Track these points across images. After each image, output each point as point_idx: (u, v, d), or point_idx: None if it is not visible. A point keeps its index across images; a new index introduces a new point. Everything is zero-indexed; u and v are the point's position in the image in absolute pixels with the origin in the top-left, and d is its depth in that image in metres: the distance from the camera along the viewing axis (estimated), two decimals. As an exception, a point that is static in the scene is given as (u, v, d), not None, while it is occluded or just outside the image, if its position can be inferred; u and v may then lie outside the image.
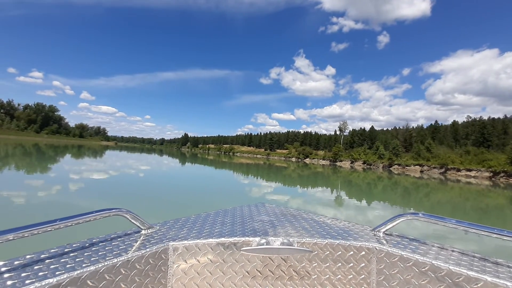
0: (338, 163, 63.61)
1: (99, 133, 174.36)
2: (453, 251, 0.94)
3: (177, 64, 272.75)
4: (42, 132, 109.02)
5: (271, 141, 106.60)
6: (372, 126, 73.73)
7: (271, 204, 1.60)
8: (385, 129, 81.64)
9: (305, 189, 14.16)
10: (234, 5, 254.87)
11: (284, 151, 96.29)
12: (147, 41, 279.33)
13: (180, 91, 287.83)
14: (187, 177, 15.91)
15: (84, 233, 1.07)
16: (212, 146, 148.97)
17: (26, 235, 0.69)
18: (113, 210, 0.89)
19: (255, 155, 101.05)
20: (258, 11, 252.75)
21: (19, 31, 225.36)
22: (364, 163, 59.59)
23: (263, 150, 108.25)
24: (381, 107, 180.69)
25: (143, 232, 0.99)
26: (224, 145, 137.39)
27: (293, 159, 76.96)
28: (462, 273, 0.78)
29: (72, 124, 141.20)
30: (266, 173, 25.44)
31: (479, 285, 0.75)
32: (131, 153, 45.46)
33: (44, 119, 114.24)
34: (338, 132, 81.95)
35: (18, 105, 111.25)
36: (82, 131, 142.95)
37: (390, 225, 1.10)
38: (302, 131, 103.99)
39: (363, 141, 68.20)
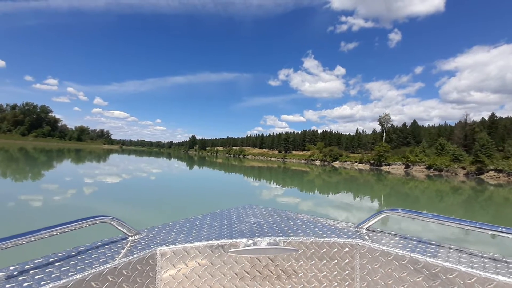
0: (384, 168, 50.04)
1: (102, 136, 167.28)
2: (430, 243, 0.98)
3: (187, 68, 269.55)
4: (30, 134, 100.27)
5: (286, 142, 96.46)
6: (414, 120, 62.52)
7: (258, 206, 1.57)
8: (426, 125, 70.03)
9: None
10: (242, 8, 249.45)
11: (302, 152, 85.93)
12: (157, 46, 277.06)
13: (190, 95, 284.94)
14: (192, 184, 14.81)
15: (69, 242, 1.08)
16: (220, 148, 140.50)
17: (9, 246, 0.67)
18: (98, 218, 0.88)
19: (268, 158, 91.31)
20: (266, 13, 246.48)
21: (35, 40, 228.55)
22: (428, 167, 44.12)
23: (277, 152, 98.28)
24: (393, 106, 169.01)
25: (130, 238, 0.98)
26: (234, 147, 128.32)
27: (317, 162, 65.24)
28: (438, 264, 0.82)
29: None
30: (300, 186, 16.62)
31: (454, 275, 0.79)
32: (135, 157, 42.56)
33: (36, 121, 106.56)
34: (378, 127, 66.72)
35: (7, 105, 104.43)
36: (81, 134, 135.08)
37: (373, 221, 1.12)
38: (320, 130, 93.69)
39: (404, 139, 56.48)
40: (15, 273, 0.68)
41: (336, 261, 1.01)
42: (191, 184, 14.55)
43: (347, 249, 1.01)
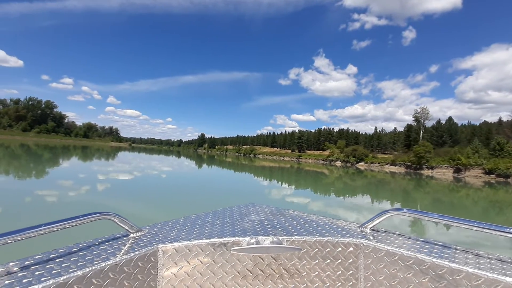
0: (425, 171, 42.74)
1: (111, 133, 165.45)
2: (436, 244, 0.97)
3: (197, 67, 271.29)
4: (32, 130, 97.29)
5: (300, 141, 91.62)
6: (450, 117, 55.90)
7: (261, 204, 1.57)
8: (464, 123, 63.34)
9: None
10: (252, 7, 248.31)
11: (317, 152, 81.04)
12: (168, 46, 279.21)
13: (200, 94, 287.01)
14: (197, 183, 14.44)
15: (70, 238, 1.05)
16: (230, 147, 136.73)
17: (9, 241, 0.67)
18: (100, 214, 0.87)
19: (282, 157, 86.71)
20: (276, 12, 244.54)
21: (51, 40, 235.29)
22: (489, 173, 35.74)
23: (290, 151, 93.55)
24: (406, 106, 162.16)
25: (131, 235, 0.98)
26: (244, 146, 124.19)
27: (338, 163, 59.62)
28: (444, 265, 0.81)
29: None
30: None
31: (461, 276, 0.77)
32: (144, 154, 41.43)
33: (41, 117, 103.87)
34: (413, 123, 56.34)
35: (11, 100, 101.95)
36: (88, 131, 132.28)
37: (377, 221, 1.11)
38: (336, 129, 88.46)
39: (439, 138, 50.17)
40: (15, 269, 0.67)
41: (339, 260, 0.99)
42: (196, 182, 14.11)
43: (351, 248, 0.99)
